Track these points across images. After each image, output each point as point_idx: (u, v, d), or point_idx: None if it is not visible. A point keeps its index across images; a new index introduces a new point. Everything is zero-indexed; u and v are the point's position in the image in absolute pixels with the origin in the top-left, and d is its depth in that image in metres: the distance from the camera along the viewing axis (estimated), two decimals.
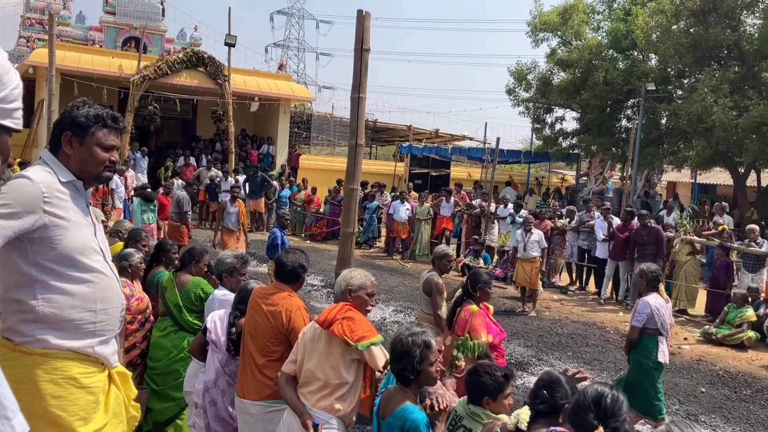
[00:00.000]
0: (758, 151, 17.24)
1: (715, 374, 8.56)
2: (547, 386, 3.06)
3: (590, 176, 25.41)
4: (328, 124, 30.31)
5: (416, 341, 3.07)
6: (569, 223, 14.04)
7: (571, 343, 9.67)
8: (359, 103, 5.73)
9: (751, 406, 7.43)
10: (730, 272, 11.59)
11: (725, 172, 22.61)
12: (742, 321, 9.97)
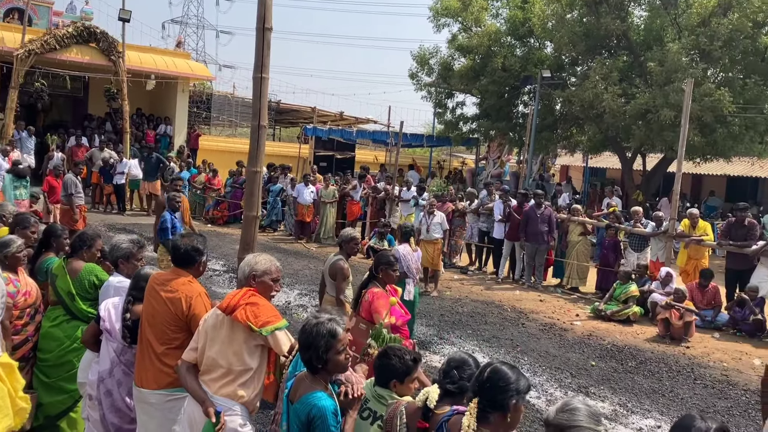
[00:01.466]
0: (644, 137, 18.31)
1: (604, 348, 9.06)
2: (458, 367, 3.12)
3: (489, 160, 26.16)
4: (230, 105, 29.56)
5: (321, 331, 3.04)
6: (469, 205, 14.41)
7: (471, 322, 9.97)
8: (262, 83, 5.62)
9: (635, 377, 7.93)
10: (618, 251, 12.28)
11: (614, 157, 23.86)
12: (627, 297, 10.59)
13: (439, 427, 2.89)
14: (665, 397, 7.29)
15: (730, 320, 10.23)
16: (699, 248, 11.30)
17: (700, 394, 7.43)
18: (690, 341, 9.46)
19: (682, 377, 8.01)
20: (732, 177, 25.02)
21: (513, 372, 2.75)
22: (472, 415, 2.69)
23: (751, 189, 25.74)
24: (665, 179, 22.12)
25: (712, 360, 8.76)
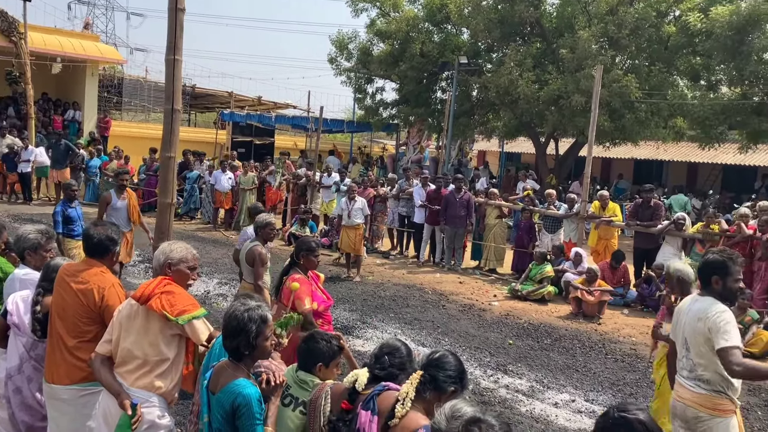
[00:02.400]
0: (556, 122, 18.91)
1: (521, 327, 9.35)
2: (390, 353, 3.15)
3: (409, 145, 26.37)
4: (142, 89, 28.53)
5: (252, 316, 3.01)
6: (390, 190, 14.51)
7: (393, 305, 10.07)
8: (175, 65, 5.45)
9: (550, 353, 8.23)
10: (532, 233, 12.67)
11: (529, 141, 24.55)
12: (542, 277, 10.95)
13: (367, 401, 2.92)
14: (579, 372, 7.59)
15: (638, 297, 10.75)
16: (609, 228, 11.78)
17: (611, 368, 7.79)
18: (601, 318, 9.88)
19: (594, 353, 8.37)
20: (639, 160, 26.20)
21: (461, 365, 2.89)
22: (412, 384, 2.75)
23: (656, 172, 27.05)
24: (577, 163, 22.92)
25: (622, 335, 9.19)
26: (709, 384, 3.81)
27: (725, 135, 18.77)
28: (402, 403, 2.70)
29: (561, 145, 23.90)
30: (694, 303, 3.94)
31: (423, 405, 2.73)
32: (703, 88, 19.18)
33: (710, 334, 3.70)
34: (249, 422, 2.88)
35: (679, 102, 18.96)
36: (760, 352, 8.38)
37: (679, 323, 4.03)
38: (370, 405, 2.87)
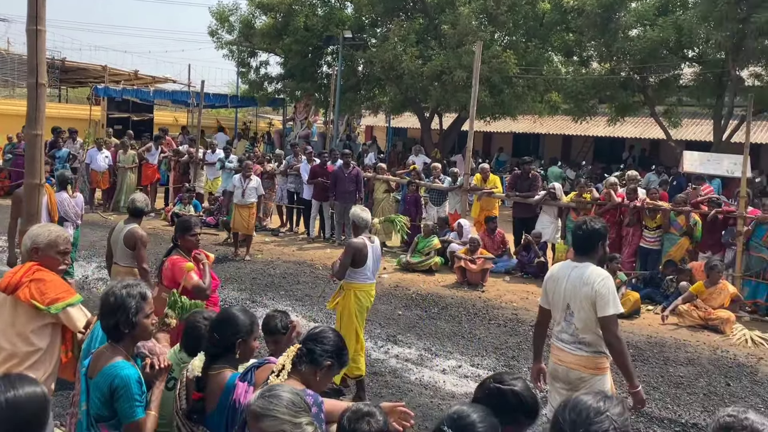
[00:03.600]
0: (440, 97, 19.30)
1: (409, 297, 9.57)
2: (216, 327, 3.08)
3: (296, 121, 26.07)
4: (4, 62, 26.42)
5: (131, 293, 2.94)
6: (278, 166, 14.31)
7: (284, 283, 10.01)
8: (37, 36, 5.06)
9: (438, 322, 8.49)
10: (419, 206, 12.93)
11: (414, 117, 24.89)
12: (429, 249, 11.24)
13: (245, 373, 2.94)
14: (465, 338, 7.89)
15: (518, 264, 11.27)
16: (490, 200, 12.23)
17: (494, 333, 8.14)
18: (485, 286, 10.29)
19: (479, 319, 8.72)
20: (517, 134, 27.24)
21: (341, 342, 2.89)
22: (288, 357, 2.77)
23: (533, 144, 28.28)
24: (460, 137, 23.53)
25: (504, 301, 9.62)
26: (590, 346, 4.04)
27: (596, 108, 19.83)
28: (277, 375, 2.72)
29: (445, 120, 24.44)
30: (575, 269, 4.10)
31: (299, 377, 2.76)
32: (575, 63, 20.13)
33: (596, 299, 3.92)
34: (128, 404, 2.79)
35: (554, 77, 19.85)
36: (627, 311, 9.03)
37: (558, 289, 4.18)
38: (248, 377, 2.88)
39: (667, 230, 10.07)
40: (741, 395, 6.51)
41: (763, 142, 21.46)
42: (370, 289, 6.13)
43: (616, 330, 3.90)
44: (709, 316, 8.56)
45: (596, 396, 1.83)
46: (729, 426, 2.21)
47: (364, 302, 6.05)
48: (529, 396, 2.48)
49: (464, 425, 2.12)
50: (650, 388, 6.57)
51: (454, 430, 2.11)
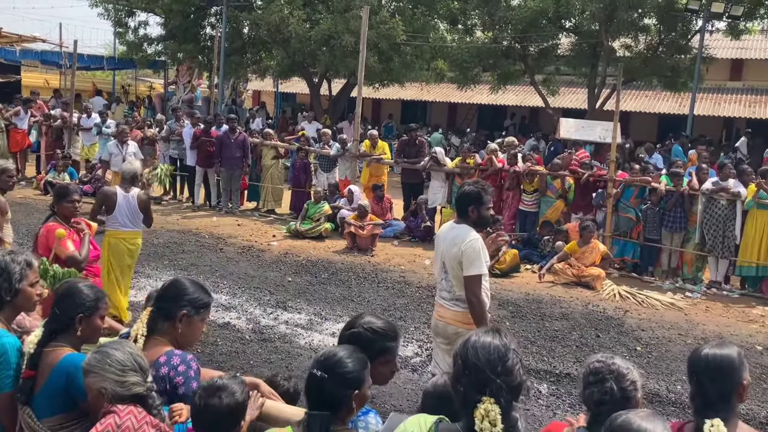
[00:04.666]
0: (328, 62, 19.13)
1: (299, 264, 9.56)
2: (57, 301, 2.82)
3: (179, 84, 25.08)
4: None
5: (16, 259, 2.81)
6: (159, 132, 13.75)
7: (168, 252, 9.72)
8: None
9: (328, 287, 8.55)
10: (308, 172, 12.87)
11: (303, 82, 24.57)
12: (319, 215, 11.24)
13: None
14: (354, 301, 8.01)
15: (406, 228, 11.51)
16: (379, 166, 12.35)
17: (383, 296, 8.31)
18: (374, 250, 10.44)
19: (368, 282, 8.85)
20: (405, 101, 27.58)
21: (193, 286, 2.80)
22: (142, 322, 2.73)
23: (421, 112, 28.74)
24: (350, 103, 23.51)
25: (392, 265, 9.81)
26: (465, 303, 4.23)
27: (480, 77, 20.38)
28: (135, 340, 2.67)
29: (334, 86, 24.30)
30: (451, 230, 4.29)
31: (165, 338, 2.71)
32: (460, 32, 20.54)
33: (462, 258, 4.09)
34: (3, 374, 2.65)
35: (440, 45, 20.16)
36: (506, 268, 9.49)
37: (438, 249, 4.38)
38: None
39: (543, 194, 10.60)
40: (609, 345, 7.02)
41: (632, 110, 22.88)
42: (126, 237, 6.45)
43: (476, 290, 4.06)
44: (581, 274, 9.13)
45: (494, 334, 1.93)
46: (598, 371, 2.41)
47: (118, 248, 6.40)
48: (382, 323, 2.55)
49: (333, 363, 2.18)
50: (528, 342, 6.96)
51: (324, 370, 2.16)
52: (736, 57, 24.00)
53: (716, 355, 2.36)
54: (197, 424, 2.41)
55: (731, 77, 24.77)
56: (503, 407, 1.81)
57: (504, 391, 1.83)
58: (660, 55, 18.01)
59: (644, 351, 6.89)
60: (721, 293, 9.15)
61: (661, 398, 5.85)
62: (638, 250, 9.95)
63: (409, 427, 1.92)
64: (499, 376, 1.84)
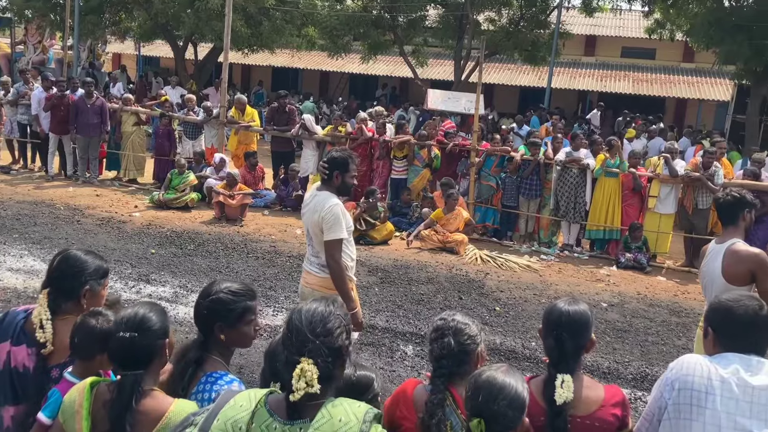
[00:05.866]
0: (193, 25, 18.34)
1: (163, 235, 9.23)
2: None
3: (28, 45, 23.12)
4: None
5: None
6: (5, 96, 12.65)
7: (18, 225, 9.05)
8: None
9: (194, 258, 8.33)
10: (172, 140, 12.37)
11: (167, 45, 23.44)
12: (185, 186, 10.87)
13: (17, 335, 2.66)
14: (222, 272, 7.86)
15: (277, 198, 11.39)
16: (248, 134, 12.10)
17: (252, 266, 8.22)
18: (244, 220, 10.27)
19: (237, 253, 8.72)
20: (276, 68, 27.06)
21: (88, 257, 2.72)
22: (42, 306, 2.60)
23: (292, 79, 28.34)
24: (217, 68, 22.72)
25: (263, 235, 9.71)
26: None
27: (350, 45, 20.35)
28: (41, 326, 2.55)
29: (200, 50, 23.35)
30: (314, 197, 4.31)
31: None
32: None
33: (322, 224, 4.13)
34: None
35: (310, 11, 19.88)
36: (381, 239, 9.68)
37: (305, 216, 4.39)
38: (20, 337, 2.61)
39: (411, 162, 10.85)
40: (470, 306, 7.37)
41: (495, 83, 23.80)
42: None
43: (335, 254, 4.12)
44: (446, 239, 9.49)
45: (322, 301, 1.98)
46: (440, 327, 2.57)
47: None
48: (239, 285, 2.54)
49: (139, 321, 2.27)
50: (395, 307, 7.16)
51: (133, 330, 2.25)
52: (590, 33, 25.56)
53: (575, 311, 2.55)
54: None
55: (585, 52, 26.38)
56: (322, 368, 1.84)
57: (323, 353, 1.86)
58: (521, 30, 18.80)
59: (503, 311, 7.30)
60: (572, 255, 9.84)
61: (517, 354, 6.24)
62: (498, 216, 10.47)
63: (239, 401, 1.93)
64: (318, 337, 1.87)
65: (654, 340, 6.81)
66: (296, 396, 1.82)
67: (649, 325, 7.22)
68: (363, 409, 1.88)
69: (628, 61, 25.23)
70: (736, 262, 3.86)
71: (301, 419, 1.86)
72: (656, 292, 8.42)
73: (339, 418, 1.84)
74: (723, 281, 3.88)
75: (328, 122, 15.57)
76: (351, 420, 1.84)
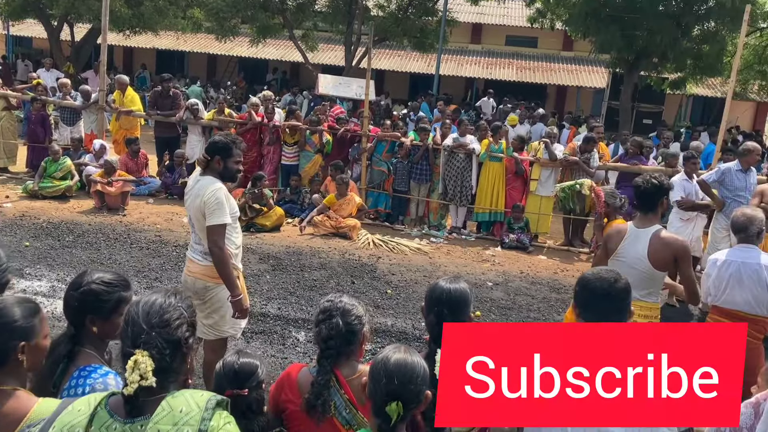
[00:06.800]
0: (68, 5, 17.32)
1: (39, 227, 8.70)
2: None
3: None
4: None
5: None
6: None
7: None
8: None
9: (73, 250, 7.91)
10: (47, 126, 11.63)
11: (39, 25, 21.98)
12: (63, 173, 10.28)
13: None
14: (104, 264, 7.51)
15: (162, 185, 11.00)
16: (130, 119, 11.56)
17: (136, 257, 7.91)
18: (126, 209, 9.84)
19: (120, 244, 8.35)
20: (161, 50, 26.01)
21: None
22: None
23: (178, 62, 27.33)
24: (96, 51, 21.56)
25: (147, 224, 9.35)
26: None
27: (238, 28, 19.85)
28: None
29: (78, 31, 22.05)
30: (196, 182, 4.18)
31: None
32: None
33: (204, 209, 4.03)
34: None
35: None
36: (271, 225, 9.56)
37: (187, 201, 4.26)
38: None
39: (302, 148, 10.77)
40: (363, 290, 7.45)
41: (386, 69, 24.02)
42: None
43: (218, 240, 4.03)
44: (339, 225, 9.52)
45: (163, 292, 1.94)
46: (328, 308, 2.60)
47: None
48: (112, 274, 2.52)
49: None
50: (287, 294, 7.13)
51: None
52: (476, 21, 26.26)
53: (455, 288, 2.70)
54: None
55: (472, 40, 27.11)
56: (158, 361, 1.79)
57: (160, 344, 1.81)
58: (410, 16, 19.03)
59: (394, 293, 7.43)
60: (460, 237, 10.14)
61: (407, 335, 6.39)
62: (390, 200, 10.61)
63: (77, 406, 1.86)
64: (153, 329, 1.83)
65: (535, 316, 7.15)
66: (130, 389, 1.77)
67: (531, 302, 7.58)
68: (205, 397, 1.84)
69: (512, 49, 26.16)
70: (663, 248, 4.04)
71: (141, 416, 1.81)
72: (538, 270, 8.83)
73: (180, 409, 1.79)
74: (648, 264, 4.06)
75: None
76: (192, 409, 1.80)
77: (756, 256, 4.41)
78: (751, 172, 7.47)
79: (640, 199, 4.21)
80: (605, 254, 4.32)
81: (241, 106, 13.80)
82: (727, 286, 4.44)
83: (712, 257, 4.67)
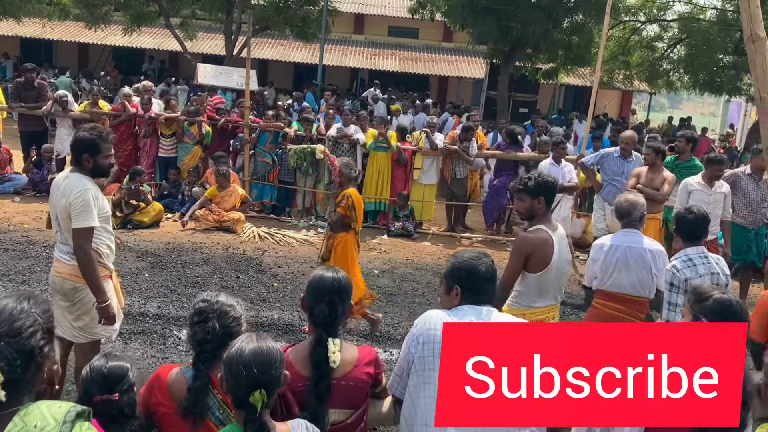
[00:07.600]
0: None
1: None
2: None
3: None
4: None
5: None
6: None
7: None
8: None
9: None
10: None
11: None
12: None
13: None
14: None
15: (29, 182, 10.33)
16: None
17: (1, 259, 7.39)
18: None
19: None
20: (26, 39, 24.30)
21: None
22: None
23: (45, 52, 25.65)
24: None
25: (13, 224, 8.74)
26: None
27: (110, 16, 18.88)
28: None
29: None
30: (64, 179, 3.95)
31: None
32: None
33: (70, 210, 3.81)
34: None
35: None
36: (150, 221, 9.20)
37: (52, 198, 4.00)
38: None
39: (180, 140, 10.43)
40: (248, 285, 7.32)
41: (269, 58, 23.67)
42: None
43: (84, 243, 3.83)
44: (222, 218, 9.30)
45: (15, 297, 1.81)
46: (203, 310, 2.49)
47: None
48: None
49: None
50: (168, 291, 6.89)
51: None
52: (358, 12, 26.37)
53: (343, 276, 2.75)
54: None
55: (355, 30, 27.22)
56: (7, 373, 1.66)
57: (9, 355, 1.68)
58: (291, 5, 18.81)
59: (281, 286, 7.36)
60: None
61: (294, 327, 6.35)
62: (276, 192, 10.48)
63: None
64: (2, 339, 1.69)
65: (420, 301, 7.31)
66: None
67: (417, 288, 7.75)
68: (64, 409, 1.73)
69: (394, 40, 26.48)
70: None
71: None
72: (423, 256, 9.04)
73: (34, 423, 1.67)
74: None
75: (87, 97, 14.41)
76: (49, 423, 1.68)
77: (640, 240, 4.57)
78: (632, 160, 7.67)
79: (549, 198, 4.02)
80: None
81: (114, 97, 13.14)
82: (614, 270, 4.54)
83: (598, 242, 4.77)
